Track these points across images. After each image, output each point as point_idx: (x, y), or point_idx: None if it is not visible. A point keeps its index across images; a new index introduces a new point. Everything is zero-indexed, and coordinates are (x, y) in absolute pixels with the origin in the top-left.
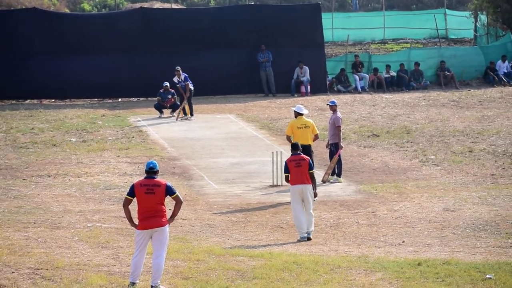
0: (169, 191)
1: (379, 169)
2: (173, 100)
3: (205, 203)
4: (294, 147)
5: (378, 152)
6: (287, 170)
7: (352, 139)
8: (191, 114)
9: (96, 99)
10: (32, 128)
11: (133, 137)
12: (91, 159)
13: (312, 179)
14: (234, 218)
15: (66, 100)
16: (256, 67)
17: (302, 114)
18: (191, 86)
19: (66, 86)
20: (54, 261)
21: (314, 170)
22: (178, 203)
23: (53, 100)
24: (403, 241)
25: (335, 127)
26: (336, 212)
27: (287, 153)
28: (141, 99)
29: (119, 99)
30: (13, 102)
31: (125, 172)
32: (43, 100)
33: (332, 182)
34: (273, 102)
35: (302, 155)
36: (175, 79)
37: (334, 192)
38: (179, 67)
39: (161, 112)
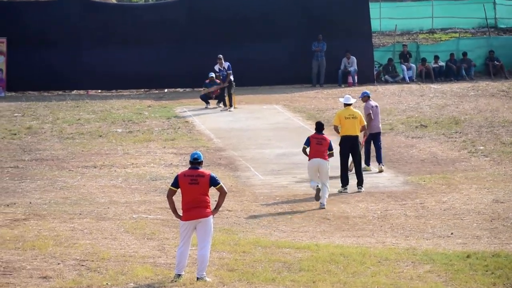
0: (213, 181)
1: (427, 160)
2: (218, 90)
3: (251, 194)
4: (319, 126)
5: (426, 143)
6: (308, 143)
7: (399, 129)
8: (230, 105)
9: (142, 90)
10: (79, 119)
11: (179, 128)
12: (137, 150)
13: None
14: (280, 210)
15: (113, 91)
16: (303, 57)
17: (350, 105)
18: (231, 77)
19: (113, 77)
20: (99, 252)
21: (333, 151)
22: (222, 194)
23: (99, 91)
24: (452, 233)
25: (366, 116)
26: (383, 204)
27: (333, 144)
28: (187, 89)
29: (165, 90)
30: (60, 93)
31: (171, 163)
32: (89, 90)
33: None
34: (320, 92)
35: (325, 135)
36: (216, 67)
37: (382, 183)
38: (221, 55)
39: (207, 103)
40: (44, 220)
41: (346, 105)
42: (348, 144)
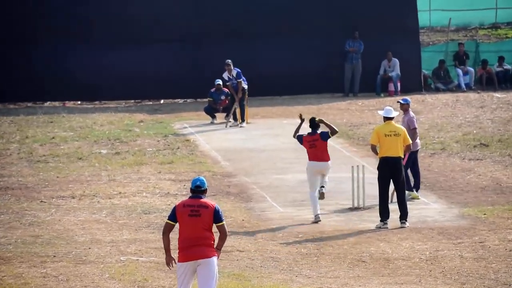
0: (217, 216)
1: (489, 187)
2: (227, 101)
3: (267, 231)
4: (312, 124)
5: (487, 166)
6: (301, 142)
7: (454, 149)
8: (242, 120)
9: (132, 101)
10: (53, 138)
11: (178, 148)
12: (126, 175)
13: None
14: (304, 250)
15: (96, 102)
16: (333, 59)
17: (391, 119)
18: (244, 85)
19: (96, 85)
20: None
21: (331, 136)
22: (223, 235)
23: (79, 102)
24: None
25: (410, 130)
26: (433, 242)
27: (370, 167)
28: (188, 100)
29: (161, 101)
30: (30, 104)
31: (168, 192)
32: (66, 102)
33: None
34: (353, 103)
35: (318, 133)
36: (225, 75)
37: (431, 216)
38: (229, 61)
39: (213, 117)
40: (9, 264)
41: (387, 119)
42: (389, 168)
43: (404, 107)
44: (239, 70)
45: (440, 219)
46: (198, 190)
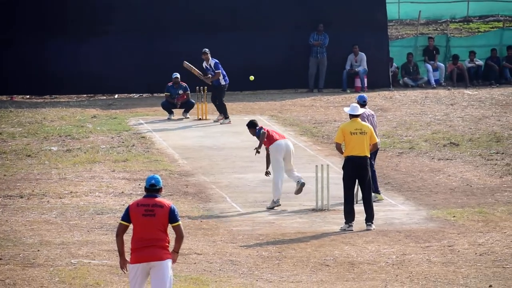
0: (173, 216)
1: (459, 188)
2: (185, 96)
3: (227, 233)
4: (252, 124)
5: (457, 167)
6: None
7: (422, 149)
8: (226, 117)
9: (84, 95)
10: (0, 133)
11: (133, 146)
12: (78, 174)
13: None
14: (265, 253)
15: (46, 97)
16: (297, 53)
17: (358, 116)
18: (222, 81)
19: (46, 78)
20: None
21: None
22: (180, 235)
23: (27, 97)
24: (490, 286)
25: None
26: (400, 246)
27: (335, 167)
28: (144, 95)
29: (116, 96)
30: None
31: (122, 192)
32: (14, 96)
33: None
34: (318, 99)
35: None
36: (204, 65)
37: (398, 219)
38: (207, 49)
39: (171, 113)
40: None
41: (353, 116)
42: (355, 168)
43: (363, 106)
44: (217, 61)
45: (408, 221)
46: (152, 188)
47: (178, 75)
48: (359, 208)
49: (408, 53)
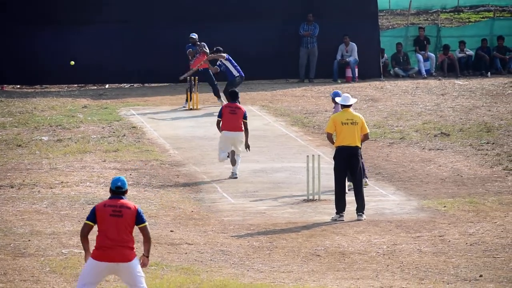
0: (140, 218)
1: (449, 178)
2: (205, 56)
3: (218, 223)
4: (233, 95)
5: (447, 157)
6: (221, 115)
7: (413, 139)
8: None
9: (75, 85)
10: None
11: (124, 136)
12: (68, 164)
13: (246, 130)
14: (256, 243)
15: (36, 86)
16: (288, 43)
17: (348, 106)
18: (235, 73)
19: (36, 68)
20: None
21: (247, 121)
22: (147, 237)
23: (18, 86)
24: (481, 275)
25: None
26: (391, 236)
27: (326, 158)
28: (135, 85)
29: (106, 86)
30: None
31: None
32: (4, 86)
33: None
34: (309, 89)
35: (239, 104)
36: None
37: (389, 209)
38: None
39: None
40: None
41: (344, 106)
42: (346, 158)
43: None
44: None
45: (399, 211)
46: (118, 191)
47: (195, 35)
48: (350, 198)
49: (398, 43)
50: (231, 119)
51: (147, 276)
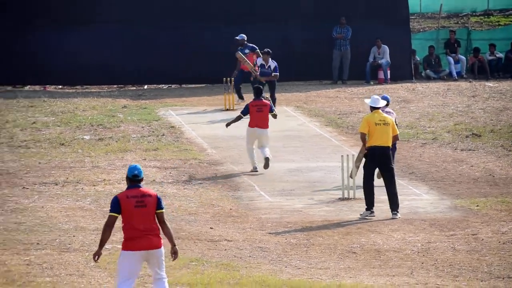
0: (160, 204)
1: (482, 178)
2: (253, 58)
3: (256, 220)
4: (257, 91)
5: (479, 157)
6: (247, 111)
7: (445, 139)
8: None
9: (115, 86)
10: (34, 122)
11: (163, 135)
12: (110, 162)
13: (275, 116)
14: (293, 240)
15: (77, 87)
16: (321, 46)
17: (378, 108)
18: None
19: (77, 69)
20: None
21: (274, 112)
22: (164, 223)
23: (60, 87)
24: None
25: None
26: (425, 234)
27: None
28: (173, 86)
29: (145, 86)
30: (9, 88)
31: (154, 180)
32: (47, 86)
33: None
34: (342, 91)
35: (265, 100)
36: (259, 61)
37: (422, 208)
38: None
39: (241, 98)
40: None
41: (373, 108)
42: (378, 157)
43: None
44: (276, 64)
45: (432, 210)
46: (135, 179)
47: (244, 36)
48: (384, 197)
49: (430, 46)
50: (259, 117)
51: (188, 272)
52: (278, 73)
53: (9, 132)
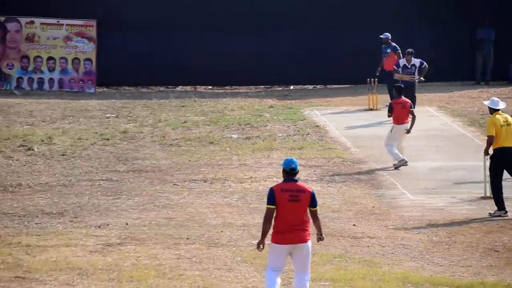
0: (313, 200)
1: None
2: (395, 57)
3: (398, 218)
4: (398, 89)
5: None
6: (391, 110)
7: None
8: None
9: (262, 87)
10: (185, 122)
11: (308, 134)
12: (257, 160)
13: (414, 117)
14: (435, 238)
15: (226, 87)
16: (464, 47)
17: (498, 110)
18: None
19: (226, 70)
20: (211, 286)
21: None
22: (317, 218)
23: (209, 87)
24: None
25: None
26: None
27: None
28: (317, 86)
29: (291, 87)
30: (162, 89)
31: (298, 177)
32: (197, 86)
33: None
34: (485, 91)
35: (404, 98)
36: (402, 62)
37: None
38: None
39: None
40: (144, 245)
41: (493, 110)
42: (505, 158)
43: None
44: (421, 60)
45: None
46: (293, 172)
47: (388, 35)
48: None
49: None
50: (403, 114)
51: (331, 268)
52: (425, 65)
53: (162, 131)
